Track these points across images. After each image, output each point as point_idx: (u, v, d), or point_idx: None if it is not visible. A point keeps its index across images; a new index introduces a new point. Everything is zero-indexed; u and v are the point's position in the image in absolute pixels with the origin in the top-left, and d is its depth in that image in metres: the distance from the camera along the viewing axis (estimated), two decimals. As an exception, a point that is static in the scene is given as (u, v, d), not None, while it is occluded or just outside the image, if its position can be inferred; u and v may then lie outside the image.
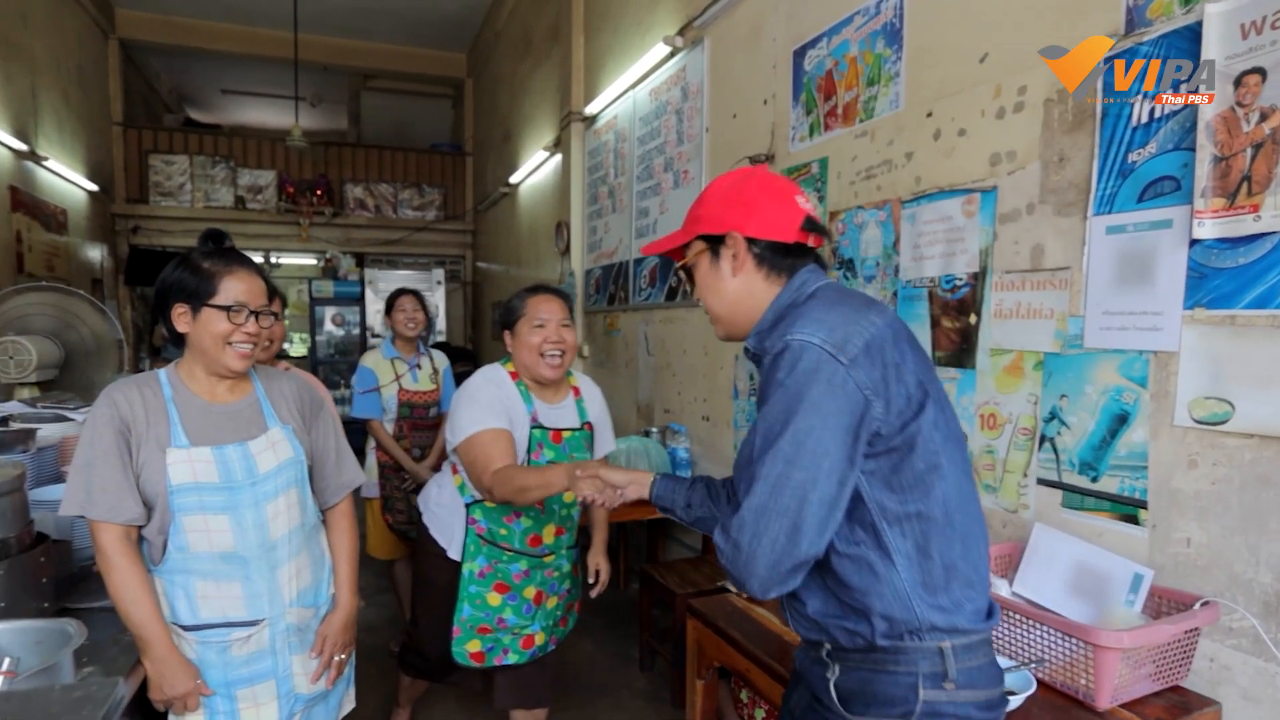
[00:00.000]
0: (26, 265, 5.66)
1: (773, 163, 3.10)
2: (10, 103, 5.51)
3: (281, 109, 10.45)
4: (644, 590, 3.19)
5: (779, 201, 1.22)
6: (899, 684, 1.08)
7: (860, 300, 1.16)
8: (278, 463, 1.58)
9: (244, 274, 1.54)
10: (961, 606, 1.09)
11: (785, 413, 1.04)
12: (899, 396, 1.07)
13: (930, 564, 1.08)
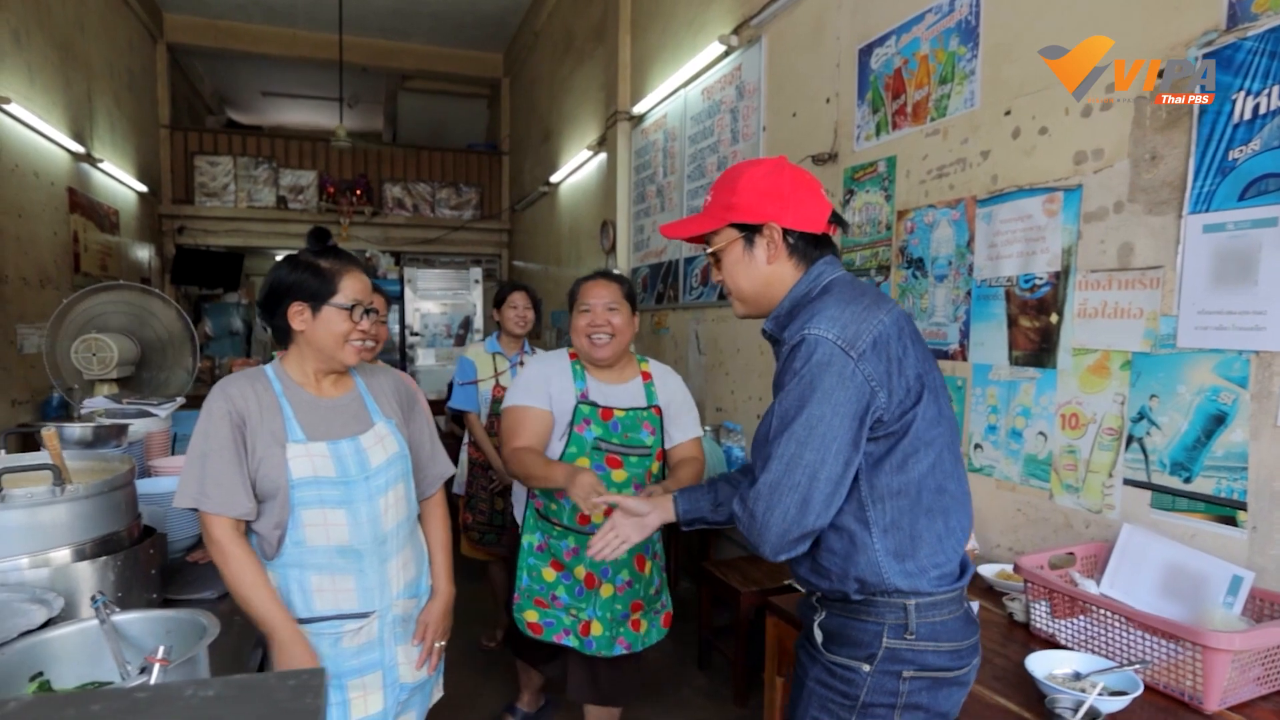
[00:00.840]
0: (83, 265, 5.79)
1: (836, 161, 3.09)
2: (69, 107, 5.64)
3: (319, 110, 10.60)
4: (703, 588, 3.20)
5: (812, 195, 1.33)
6: (867, 631, 1.25)
7: (871, 297, 1.26)
8: (386, 457, 1.62)
9: (359, 273, 1.58)
10: (926, 572, 1.24)
11: (800, 399, 1.18)
12: (900, 388, 1.20)
13: (901, 535, 1.23)
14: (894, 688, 1.24)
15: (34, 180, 5.08)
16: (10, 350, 4.59)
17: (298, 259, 1.58)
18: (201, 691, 0.69)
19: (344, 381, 1.68)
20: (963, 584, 1.29)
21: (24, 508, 1.52)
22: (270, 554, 1.56)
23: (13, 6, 4.83)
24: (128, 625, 1.38)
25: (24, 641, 1.28)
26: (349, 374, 1.70)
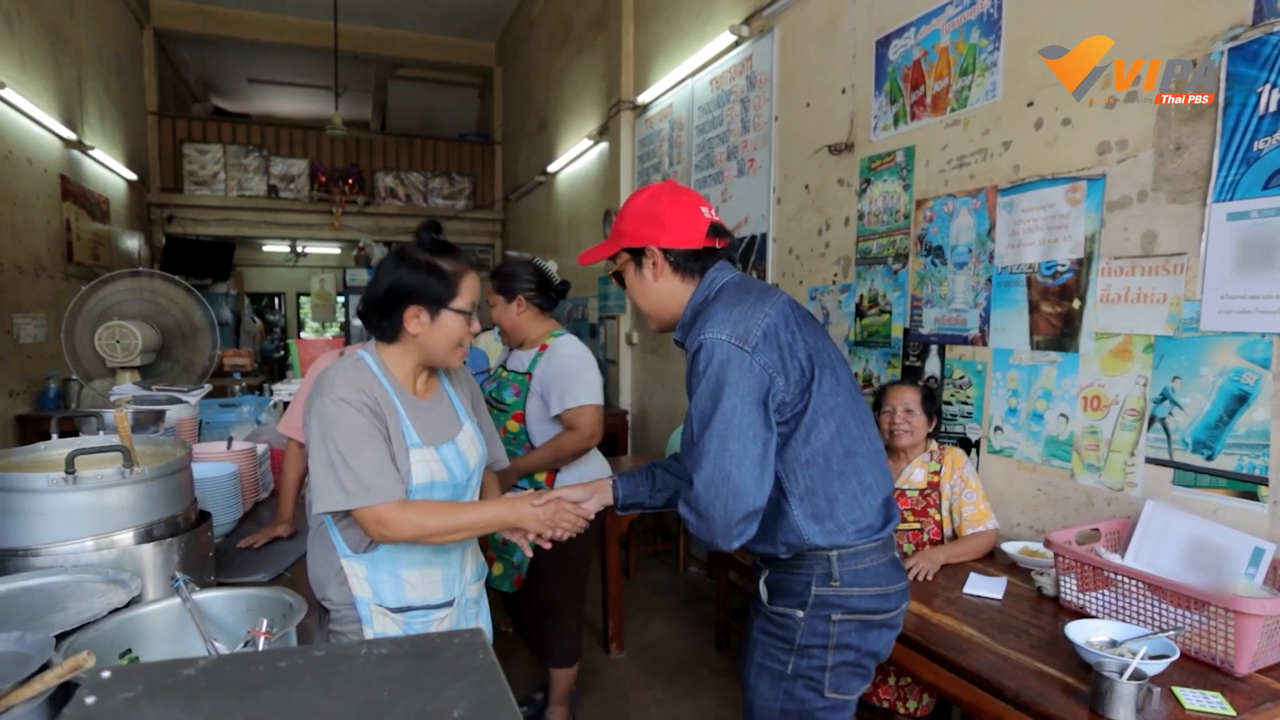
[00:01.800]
0: (75, 254, 5.71)
1: (852, 151, 3.15)
2: (60, 93, 5.55)
3: (308, 98, 10.48)
4: (719, 571, 3.26)
5: (686, 214, 1.45)
6: (799, 582, 1.42)
7: (756, 294, 1.41)
8: (478, 458, 1.66)
9: (474, 274, 1.53)
10: (844, 529, 1.39)
11: (712, 398, 1.31)
12: (794, 370, 1.35)
13: (816, 500, 1.38)
14: (825, 630, 1.40)
15: (27, 167, 5.00)
16: (7, 340, 4.53)
17: (418, 259, 1.50)
18: (376, 650, 0.72)
19: (434, 381, 1.66)
20: (885, 534, 1.43)
21: (95, 489, 1.53)
22: (361, 548, 1.56)
23: (5, -11, 4.74)
24: (208, 604, 1.41)
25: (114, 619, 1.31)
26: (437, 373, 1.68)
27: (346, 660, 0.70)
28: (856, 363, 3.14)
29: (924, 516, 2.37)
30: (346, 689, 0.65)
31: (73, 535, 1.53)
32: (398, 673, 0.68)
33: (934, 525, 2.36)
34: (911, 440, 2.42)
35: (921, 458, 2.43)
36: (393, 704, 0.62)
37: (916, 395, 2.44)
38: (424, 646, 0.72)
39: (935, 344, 2.74)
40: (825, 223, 3.34)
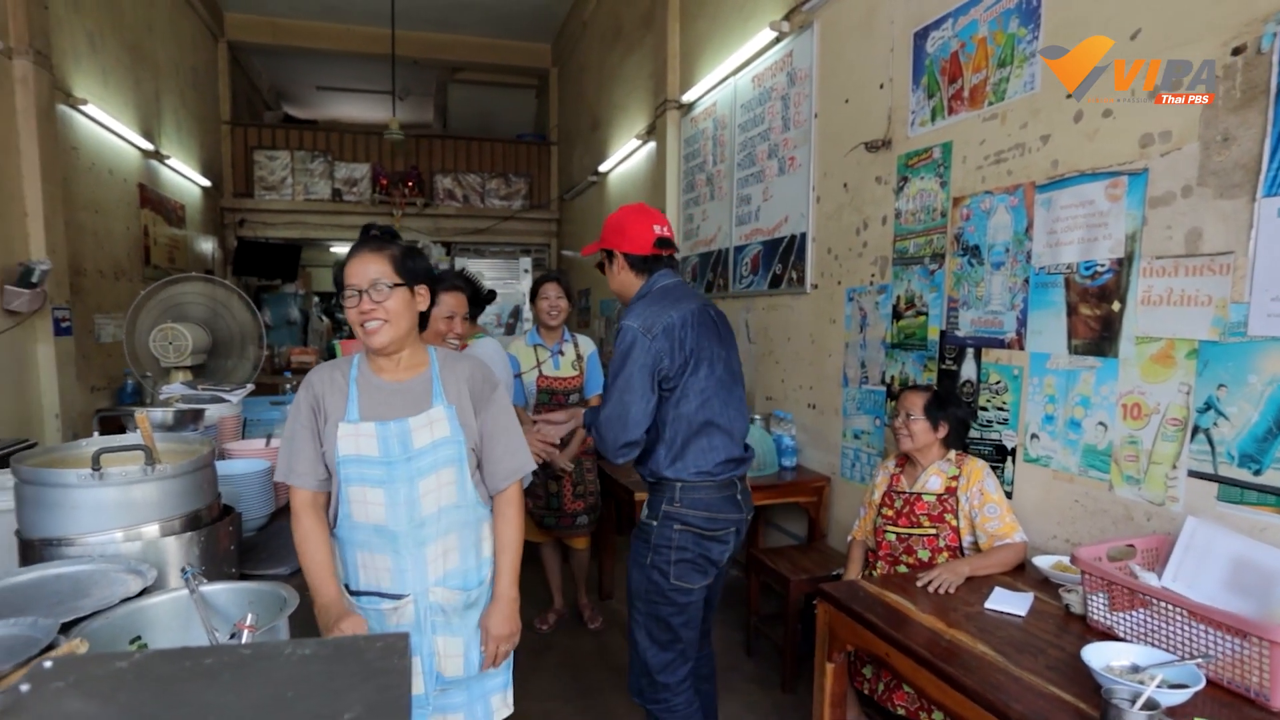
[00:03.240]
0: (153, 258, 6.05)
1: (889, 148, 3.06)
2: (139, 106, 5.89)
3: (372, 103, 10.82)
4: (751, 576, 3.22)
5: (640, 229, 2.06)
6: (656, 502, 2.04)
7: (671, 300, 2.00)
8: (432, 440, 1.61)
9: (361, 256, 1.59)
10: (687, 468, 1.99)
11: (621, 363, 1.96)
12: (679, 358, 1.96)
13: (674, 446, 2.00)
14: (669, 536, 2.00)
15: (108, 177, 5.33)
16: (89, 339, 4.83)
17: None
18: (299, 650, 0.74)
19: (418, 366, 1.69)
20: (719, 478, 2.01)
21: (119, 485, 1.62)
22: (332, 527, 1.67)
23: (88, 10, 5.05)
24: (214, 595, 1.47)
25: (125, 608, 1.38)
26: (427, 359, 1.71)
27: (268, 659, 0.72)
28: (893, 366, 3.06)
29: (940, 522, 2.29)
30: (257, 687, 0.68)
31: (102, 527, 1.62)
32: (311, 673, 0.70)
33: (950, 531, 2.28)
34: (912, 445, 2.37)
35: (938, 465, 2.35)
36: (293, 703, 0.64)
37: (920, 400, 2.38)
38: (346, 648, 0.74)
39: (971, 347, 2.64)
40: (863, 221, 3.26)
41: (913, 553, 2.33)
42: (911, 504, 2.36)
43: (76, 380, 4.45)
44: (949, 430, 2.37)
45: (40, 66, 4.22)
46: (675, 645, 2.04)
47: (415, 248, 1.69)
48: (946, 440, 2.40)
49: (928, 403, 2.37)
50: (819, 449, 3.60)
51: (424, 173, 9.14)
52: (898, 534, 2.37)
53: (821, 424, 3.59)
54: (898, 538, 2.36)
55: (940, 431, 2.36)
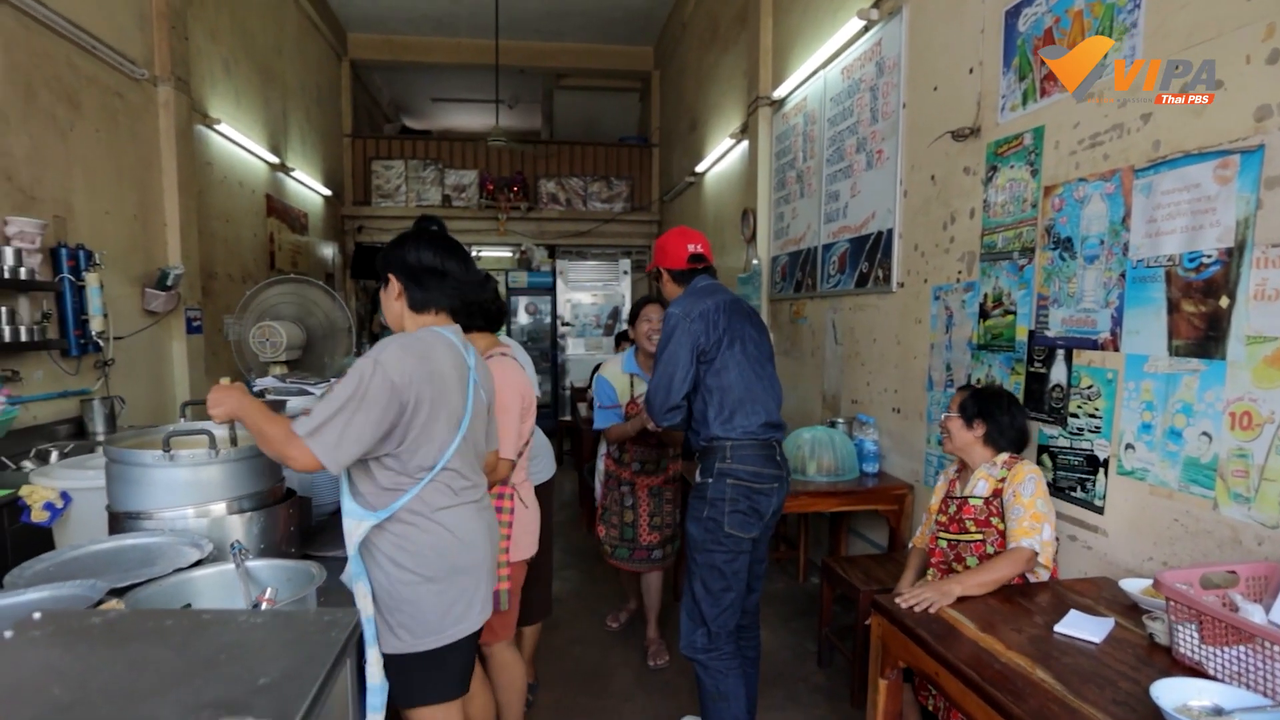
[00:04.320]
0: (277, 262, 6.54)
1: (978, 135, 2.86)
2: (268, 124, 6.39)
3: (484, 112, 11.26)
4: (825, 584, 3.10)
5: (678, 248, 2.48)
6: (711, 461, 2.31)
7: (706, 293, 2.38)
8: None
9: None
10: (735, 428, 2.29)
11: (667, 341, 2.31)
12: (713, 336, 2.30)
13: (723, 411, 2.30)
14: (723, 489, 2.27)
15: (238, 189, 5.81)
16: (217, 337, 5.28)
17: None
18: (254, 619, 0.78)
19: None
20: (761, 437, 2.30)
21: (189, 466, 1.76)
22: None
23: (224, 39, 5.53)
24: (258, 569, 1.57)
25: (177, 577, 1.49)
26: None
27: (222, 624, 0.76)
28: (979, 368, 2.86)
29: (986, 527, 2.13)
30: (198, 648, 0.71)
31: (175, 504, 1.76)
32: (251, 639, 0.73)
33: (996, 536, 2.12)
34: (950, 445, 2.29)
35: (985, 468, 2.20)
36: (222, 664, 0.67)
37: (958, 398, 2.31)
38: (294, 620, 0.77)
39: (1061, 348, 2.43)
40: (950, 215, 3.07)
41: (962, 560, 2.17)
42: (961, 509, 2.22)
43: (205, 374, 4.87)
44: (986, 430, 2.22)
45: (180, 91, 4.64)
46: (727, 594, 2.27)
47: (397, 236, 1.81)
48: (990, 441, 2.24)
49: (963, 400, 2.27)
50: (903, 455, 3.42)
51: (529, 177, 9.41)
52: (949, 540, 2.23)
53: (905, 429, 3.40)
54: (949, 544, 2.22)
55: (976, 430, 2.22)
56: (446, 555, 1.64)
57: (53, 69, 3.55)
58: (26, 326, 3.19)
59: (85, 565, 1.61)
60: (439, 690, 1.70)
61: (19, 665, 0.69)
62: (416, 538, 1.61)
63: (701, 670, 2.31)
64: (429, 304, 1.75)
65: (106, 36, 3.93)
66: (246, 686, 0.63)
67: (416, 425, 1.58)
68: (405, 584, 1.61)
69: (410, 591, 1.61)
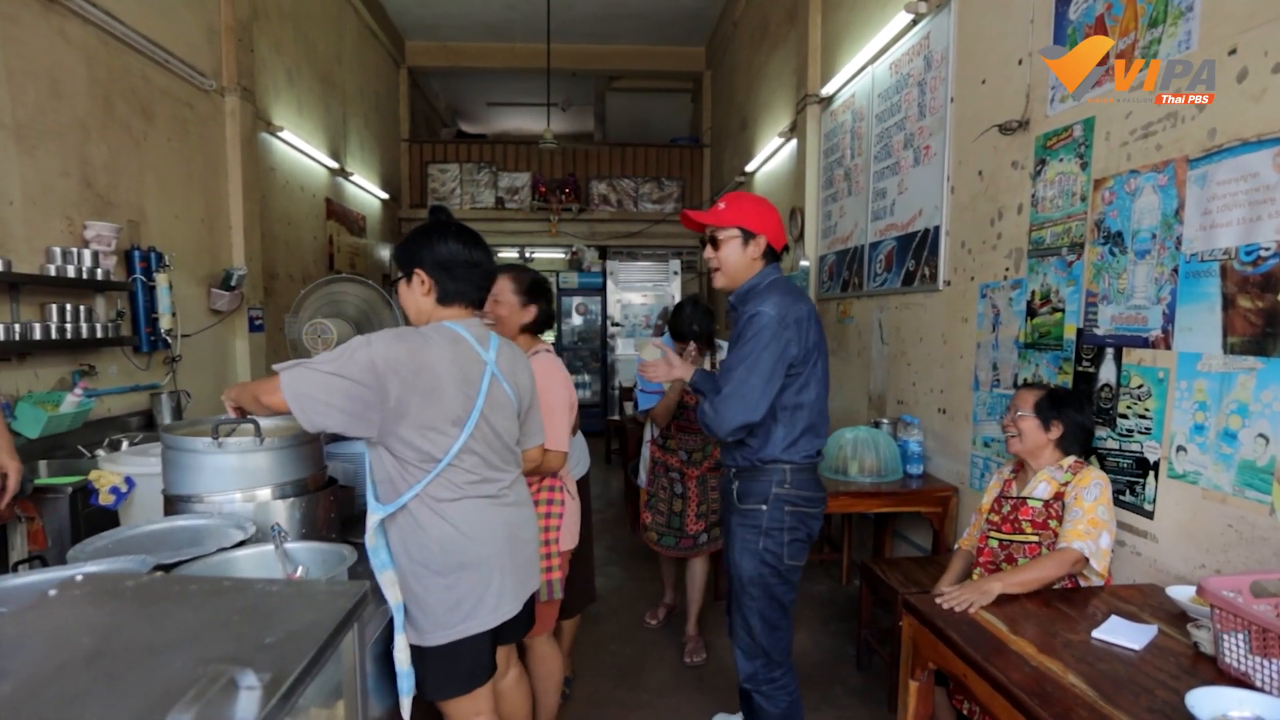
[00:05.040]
0: (336, 263, 6.77)
1: (1027, 129, 2.79)
2: (328, 130, 6.62)
3: (537, 115, 11.43)
4: (865, 586, 3.05)
5: (782, 227, 2.15)
6: (763, 486, 2.08)
7: (795, 296, 2.06)
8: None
9: None
10: (800, 451, 2.08)
11: (752, 345, 1.98)
12: (803, 348, 2.02)
13: (792, 431, 2.06)
14: (780, 518, 2.07)
15: (300, 193, 6.04)
16: (278, 335, 5.49)
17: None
18: (269, 587, 0.82)
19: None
20: (815, 460, 2.13)
21: (236, 453, 1.85)
22: None
23: (287, 49, 5.76)
24: (295, 550, 1.64)
25: (220, 556, 1.57)
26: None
27: (240, 591, 0.81)
28: (1026, 368, 2.78)
29: (1043, 529, 2.07)
30: (216, 611, 0.76)
31: (223, 488, 1.85)
32: (265, 604, 0.77)
33: (1053, 539, 2.05)
34: (1020, 446, 2.17)
35: (1050, 470, 2.12)
36: (234, 625, 0.71)
37: (1033, 398, 2.19)
38: (305, 589, 0.81)
39: (1111, 346, 2.35)
40: (998, 211, 3.00)
41: (1013, 561, 2.11)
42: (1017, 509, 2.15)
43: (265, 371, 5.08)
44: (1063, 433, 2.13)
45: (246, 101, 4.86)
46: (784, 621, 2.15)
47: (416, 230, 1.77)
48: (1061, 444, 2.16)
49: (1039, 400, 2.16)
50: (947, 457, 3.34)
51: (580, 179, 9.52)
52: (1000, 540, 2.16)
53: (951, 430, 3.33)
54: (999, 544, 2.16)
55: (1053, 433, 2.13)
56: (452, 550, 1.63)
57: (129, 82, 3.76)
58: (102, 324, 3.39)
59: (139, 543, 1.71)
60: (451, 685, 1.69)
61: (56, 618, 0.75)
62: (421, 531, 1.62)
63: (764, 699, 2.15)
64: (459, 296, 1.73)
65: (178, 50, 4.14)
66: (253, 644, 0.67)
67: (408, 415, 1.56)
68: (414, 576, 1.63)
69: (418, 585, 1.63)
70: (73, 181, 3.35)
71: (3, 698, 0.60)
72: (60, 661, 0.65)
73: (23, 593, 1.21)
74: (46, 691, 0.60)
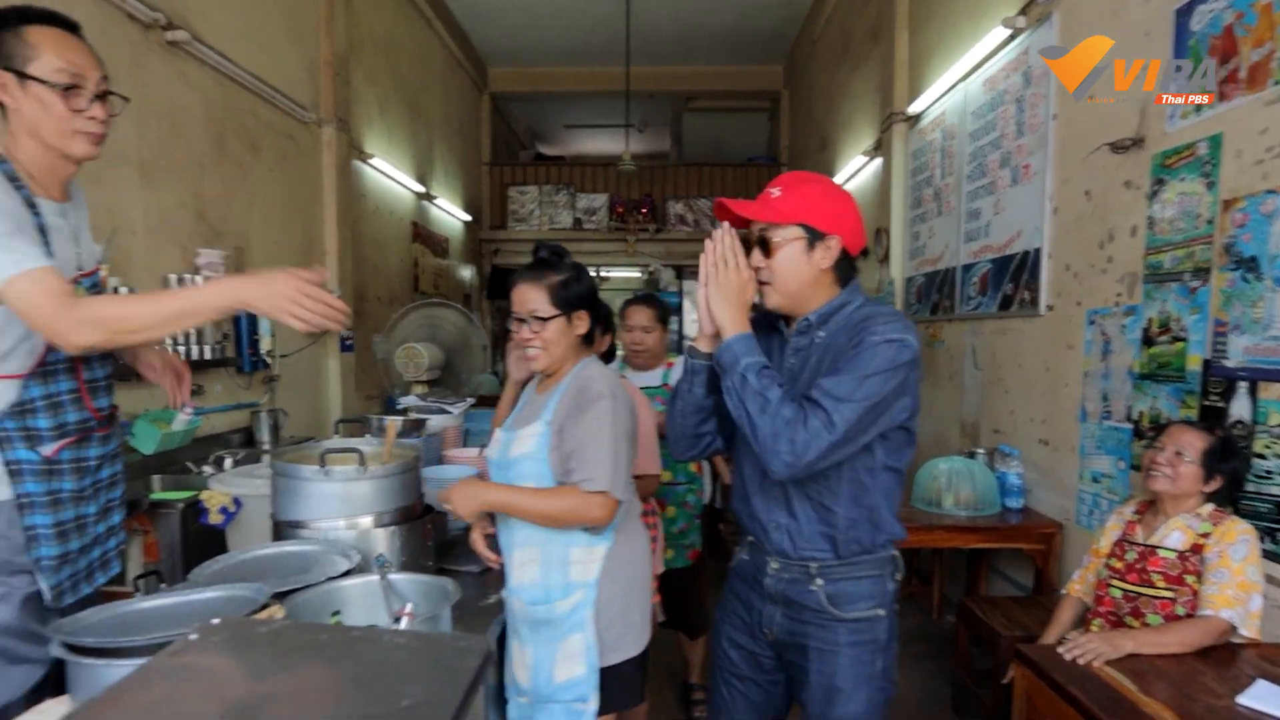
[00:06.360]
0: (420, 284, 6.98)
1: (1141, 146, 2.64)
2: (415, 156, 6.86)
3: (614, 137, 11.57)
4: (961, 625, 2.91)
5: (860, 225, 1.51)
6: (873, 583, 1.48)
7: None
8: (521, 452, 1.69)
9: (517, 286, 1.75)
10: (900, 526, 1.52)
11: (882, 383, 1.34)
12: (916, 394, 1.43)
13: (893, 501, 1.49)
14: (894, 623, 1.52)
15: (388, 218, 6.26)
16: (367, 355, 5.69)
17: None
18: (396, 639, 0.82)
19: (556, 382, 1.76)
20: None
21: (340, 481, 1.89)
22: None
23: (380, 81, 6.00)
24: (399, 582, 1.66)
25: (328, 585, 1.60)
26: (564, 375, 1.75)
27: (369, 642, 0.81)
28: (1142, 400, 2.61)
29: (1179, 585, 1.90)
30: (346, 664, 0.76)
31: (328, 515, 1.90)
32: (394, 659, 0.77)
33: (1190, 596, 1.88)
34: (1170, 488, 1.97)
35: (1186, 518, 1.95)
36: (368, 683, 0.71)
37: (1201, 441, 1.97)
38: (432, 643, 0.80)
39: (1245, 380, 2.18)
40: (1108, 233, 2.84)
41: (1140, 616, 1.95)
42: (1145, 558, 1.98)
43: (355, 390, 5.26)
44: (1221, 486, 1.97)
45: (341, 131, 5.08)
46: None
47: (577, 273, 1.74)
48: (1213, 496, 1.99)
49: (1210, 449, 1.95)
50: (1051, 490, 3.17)
51: (657, 199, 9.56)
52: (1125, 591, 2.00)
53: (1054, 463, 3.15)
54: (1124, 595, 2.00)
55: (1212, 485, 1.96)
56: (632, 567, 1.74)
57: (239, 119, 3.98)
58: (209, 345, 3.57)
59: (252, 568, 1.76)
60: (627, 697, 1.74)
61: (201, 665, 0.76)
62: (617, 552, 1.70)
63: None
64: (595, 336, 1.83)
65: (283, 86, 4.36)
66: (391, 706, 0.67)
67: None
68: (605, 601, 1.68)
69: (608, 608, 1.68)
70: (188, 212, 3.56)
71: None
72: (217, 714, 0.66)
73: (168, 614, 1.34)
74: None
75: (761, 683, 1.60)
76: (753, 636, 1.59)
